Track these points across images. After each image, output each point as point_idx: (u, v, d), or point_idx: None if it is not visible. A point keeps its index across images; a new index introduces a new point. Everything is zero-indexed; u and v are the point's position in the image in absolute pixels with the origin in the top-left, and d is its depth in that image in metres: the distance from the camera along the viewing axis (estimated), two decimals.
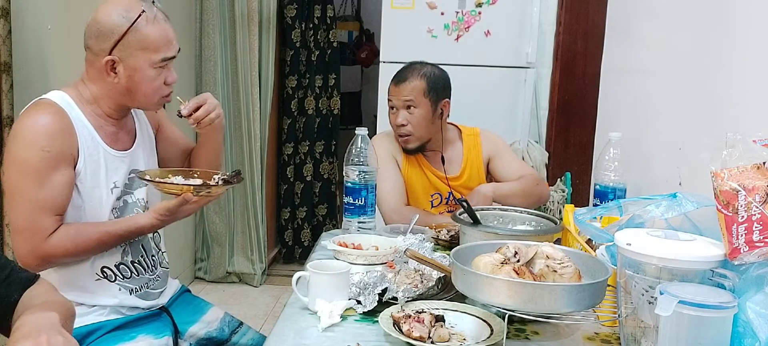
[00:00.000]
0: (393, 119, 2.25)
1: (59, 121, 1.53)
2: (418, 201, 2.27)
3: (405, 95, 2.19)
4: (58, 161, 1.51)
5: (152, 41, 1.57)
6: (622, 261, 1.16)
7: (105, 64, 1.56)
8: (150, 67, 1.58)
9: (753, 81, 1.51)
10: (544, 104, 3.55)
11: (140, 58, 1.56)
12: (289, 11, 4.08)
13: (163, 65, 1.60)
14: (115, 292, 1.64)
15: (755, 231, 1.01)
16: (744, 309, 1.00)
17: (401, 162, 2.28)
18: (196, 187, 1.57)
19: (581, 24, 3.34)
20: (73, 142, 1.54)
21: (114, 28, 1.54)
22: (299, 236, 4.38)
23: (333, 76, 4.35)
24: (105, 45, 1.55)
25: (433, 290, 1.43)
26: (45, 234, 1.49)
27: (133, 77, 1.57)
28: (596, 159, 2.07)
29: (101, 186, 1.60)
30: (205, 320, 1.83)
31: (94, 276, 1.61)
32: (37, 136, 1.50)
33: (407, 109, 2.20)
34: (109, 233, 1.57)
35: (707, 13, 1.75)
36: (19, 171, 1.50)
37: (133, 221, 1.60)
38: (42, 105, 1.56)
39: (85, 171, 1.57)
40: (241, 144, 3.86)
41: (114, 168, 1.63)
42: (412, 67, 2.24)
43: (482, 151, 2.32)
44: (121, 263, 1.66)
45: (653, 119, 2.07)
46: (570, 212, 1.61)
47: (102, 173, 1.60)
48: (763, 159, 1.04)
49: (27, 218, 1.49)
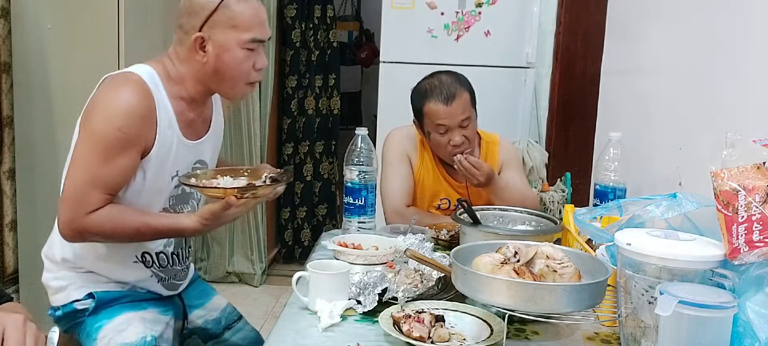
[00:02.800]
0: (443, 140, 2.06)
1: (143, 105, 1.48)
2: (425, 203, 2.23)
3: (460, 113, 2.04)
4: (130, 144, 1.47)
5: (242, 20, 1.52)
6: (622, 261, 1.16)
7: (194, 41, 1.52)
8: (239, 47, 1.52)
9: (753, 81, 1.51)
10: (544, 104, 3.56)
11: (230, 37, 1.51)
12: (289, 11, 4.08)
13: (253, 47, 1.55)
14: (146, 276, 1.65)
15: (755, 231, 1.01)
16: (744, 309, 1.00)
17: (415, 162, 2.21)
18: (240, 189, 1.47)
19: (581, 24, 3.34)
20: (150, 129, 1.51)
21: (205, 4, 1.51)
22: (299, 236, 4.38)
23: (333, 76, 4.35)
24: (195, 22, 1.52)
25: (433, 290, 1.43)
26: (89, 208, 1.46)
27: (221, 57, 1.52)
28: (596, 159, 2.07)
29: (165, 173, 1.58)
30: (208, 307, 1.84)
31: (132, 258, 1.62)
32: (117, 114, 1.46)
33: (461, 126, 2.05)
34: (149, 225, 1.52)
35: (707, 14, 1.75)
36: (91, 141, 1.47)
37: (177, 220, 1.55)
38: (131, 80, 1.50)
39: (155, 157, 1.53)
40: (241, 144, 3.86)
41: (181, 156, 1.59)
42: (446, 79, 2.08)
43: (498, 160, 2.23)
44: (161, 252, 1.66)
45: (653, 119, 2.07)
46: (570, 212, 1.61)
47: (170, 161, 1.57)
48: (763, 159, 1.04)
49: (78, 188, 1.47)
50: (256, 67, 1.58)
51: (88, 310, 1.59)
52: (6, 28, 2.48)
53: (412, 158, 2.21)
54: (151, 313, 1.65)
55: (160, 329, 1.65)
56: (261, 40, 1.56)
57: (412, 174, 2.21)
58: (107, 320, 1.58)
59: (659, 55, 2.06)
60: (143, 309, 1.63)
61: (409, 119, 2.33)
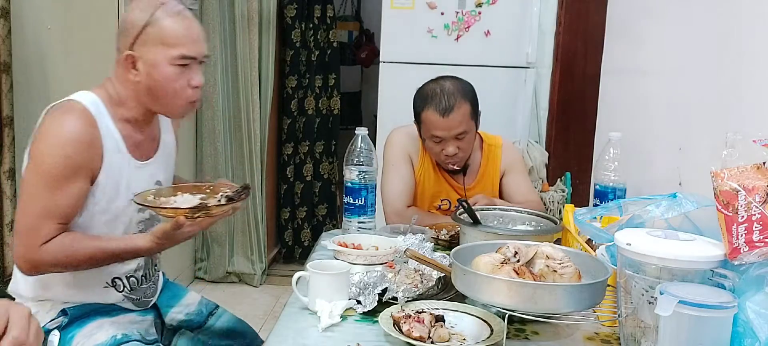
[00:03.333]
0: (437, 148, 2.06)
1: (88, 132, 1.48)
2: (425, 204, 2.22)
3: (456, 127, 2.01)
4: (78, 172, 1.47)
5: (172, 36, 1.50)
6: (622, 261, 1.16)
7: (125, 59, 1.52)
8: (168, 64, 1.51)
9: (753, 81, 1.51)
10: (544, 104, 3.55)
11: (159, 54, 1.50)
12: (289, 11, 4.08)
13: (185, 63, 1.53)
14: (119, 299, 1.64)
15: (755, 231, 1.01)
16: (744, 309, 1.00)
17: (417, 162, 2.20)
18: (191, 209, 1.45)
19: (581, 24, 3.34)
20: (97, 154, 1.50)
21: (134, 22, 1.51)
22: (299, 236, 4.38)
23: (333, 76, 4.35)
24: (127, 40, 1.52)
25: (433, 290, 1.43)
26: (42, 240, 1.45)
27: (152, 74, 1.51)
28: (596, 159, 2.07)
29: (120, 197, 1.56)
30: (184, 303, 1.82)
31: (102, 283, 1.60)
32: (62, 142, 1.46)
33: (456, 139, 2.04)
34: (104, 250, 1.51)
35: (707, 14, 1.75)
36: (38, 172, 1.47)
37: (131, 241, 1.54)
38: (74, 109, 1.50)
39: (106, 182, 1.52)
40: (241, 144, 3.86)
41: (135, 178, 1.58)
42: (448, 87, 2.04)
43: (500, 164, 2.21)
44: (132, 276, 1.65)
45: (653, 119, 2.07)
46: (570, 212, 1.61)
47: (123, 184, 1.56)
48: (763, 159, 1.05)
49: (29, 221, 1.47)
50: (192, 85, 1.55)
51: (61, 325, 1.57)
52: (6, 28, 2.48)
53: (414, 158, 2.20)
54: (126, 317, 1.65)
55: (137, 327, 1.65)
56: (192, 58, 1.54)
57: (414, 174, 2.20)
58: (79, 329, 1.57)
59: (659, 55, 2.06)
60: (115, 315, 1.63)
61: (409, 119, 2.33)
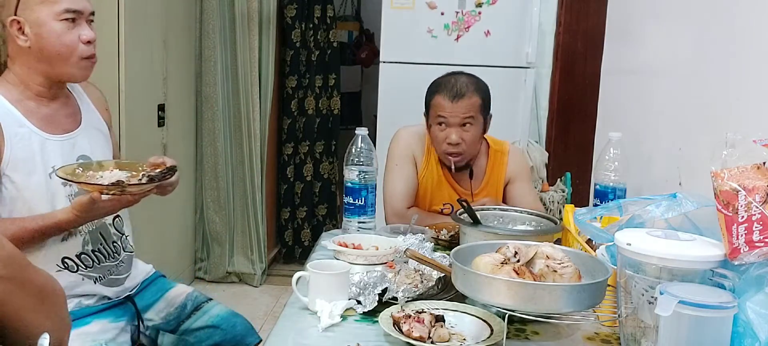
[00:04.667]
0: (441, 135, 2.06)
1: None
2: (426, 205, 2.20)
3: (463, 113, 2.02)
4: None
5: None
6: (622, 261, 1.16)
7: (11, 25, 1.52)
8: (54, 20, 1.52)
9: (753, 81, 1.51)
10: (544, 104, 3.55)
11: (43, 12, 1.52)
12: (289, 11, 4.08)
13: (70, 17, 1.54)
14: (79, 281, 1.62)
15: (755, 231, 1.01)
16: (744, 309, 1.00)
17: (421, 163, 2.18)
18: (106, 186, 1.45)
19: (581, 24, 3.34)
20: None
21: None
22: (299, 236, 4.38)
23: (333, 76, 4.35)
24: (9, 9, 1.53)
25: (433, 290, 1.43)
26: None
27: (40, 34, 1.52)
28: (596, 159, 2.07)
29: (37, 172, 1.54)
30: (168, 298, 1.80)
31: (55, 267, 1.58)
32: None
33: (462, 126, 2.04)
34: (25, 229, 1.49)
35: (707, 14, 1.75)
36: None
37: (51, 216, 1.52)
38: None
39: (15, 160, 1.51)
40: (241, 144, 3.86)
41: (53, 152, 1.57)
42: (463, 79, 2.07)
43: (506, 171, 2.19)
44: (82, 253, 1.62)
45: (653, 119, 2.07)
46: (570, 212, 1.61)
47: (37, 159, 1.55)
48: (763, 159, 1.04)
49: None
50: (83, 39, 1.56)
51: None
52: None
53: (418, 159, 2.19)
54: (97, 325, 1.62)
55: (110, 336, 1.63)
56: (77, 11, 1.55)
57: (416, 175, 2.19)
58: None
59: (659, 55, 2.06)
60: (86, 324, 1.61)
61: (409, 119, 2.33)
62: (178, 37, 3.47)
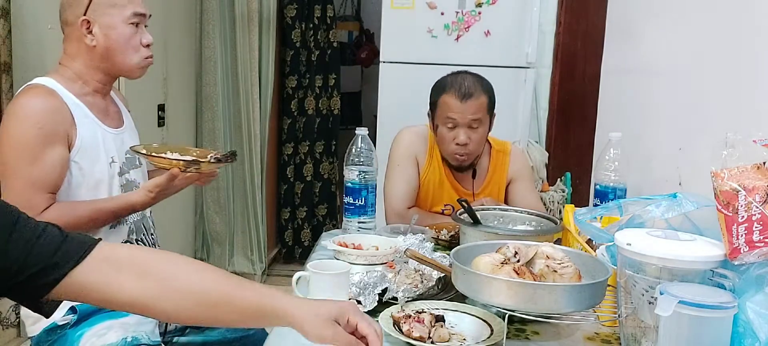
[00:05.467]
0: (449, 136, 2.06)
1: (52, 100, 1.56)
2: (427, 206, 2.20)
3: (472, 113, 2.02)
4: (52, 139, 1.53)
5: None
6: (622, 261, 1.16)
7: (80, 24, 1.60)
8: (124, 24, 1.62)
9: (753, 81, 1.51)
10: (544, 104, 3.55)
11: (114, 15, 1.61)
12: (289, 11, 4.08)
13: (136, 21, 1.64)
14: None
15: (755, 231, 1.01)
16: (744, 309, 1.00)
17: (423, 163, 2.18)
18: (186, 162, 1.61)
19: (581, 24, 3.34)
20: (67, 120, 1.57)
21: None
22: (299, 236, 4.38)
23: (333, 76, 4.35)
24: (78, 10, 1.61)
25: (433, 290, 1.43)
26: (37, 212, 1.49)
27: (109, 36, 1.62)
28: (596, 159, 2.07)
29: (101, 162, 1.64)
30: None
31: None
32: (31, 114, 1.53)
33: (470, 126, 2.04)
34: (101, 209, 1.59)
35: (707, 14, 1.76)
36: (14, 147, 1.53)
37: (125, 198, 1.63)
38: (33, 88, 1.58)
39: (84, 147, 1.60)
40: (241, 144, 3.86)
41: (111, 144, 1.67)
42: (470, 79, 2.07)
43: (508, 171, 2.20)
44: (127, 241, 1.70)
45: (653, 119, 2.07)
46: (570, 212, 1.61)
47: (101, 148, 1.64)
48: (763, 159, 1.04)
49: (19, 195, 1.49)
50: (144, 43, 1.67)
51: (69, 324, 1.59)
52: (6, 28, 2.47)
53: (421, 159, 2.19)
54: (134, 317, 1.64)
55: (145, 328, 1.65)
56: (142, 15, 1.66)
57: (418, 176, 2.18)
58: (89, 328, 1.59)
59: (659, 55, 2.06)
60: (124, 316, 1.63)
61: (410, 119, 2.32)
62: (178, 37, 3.47)
